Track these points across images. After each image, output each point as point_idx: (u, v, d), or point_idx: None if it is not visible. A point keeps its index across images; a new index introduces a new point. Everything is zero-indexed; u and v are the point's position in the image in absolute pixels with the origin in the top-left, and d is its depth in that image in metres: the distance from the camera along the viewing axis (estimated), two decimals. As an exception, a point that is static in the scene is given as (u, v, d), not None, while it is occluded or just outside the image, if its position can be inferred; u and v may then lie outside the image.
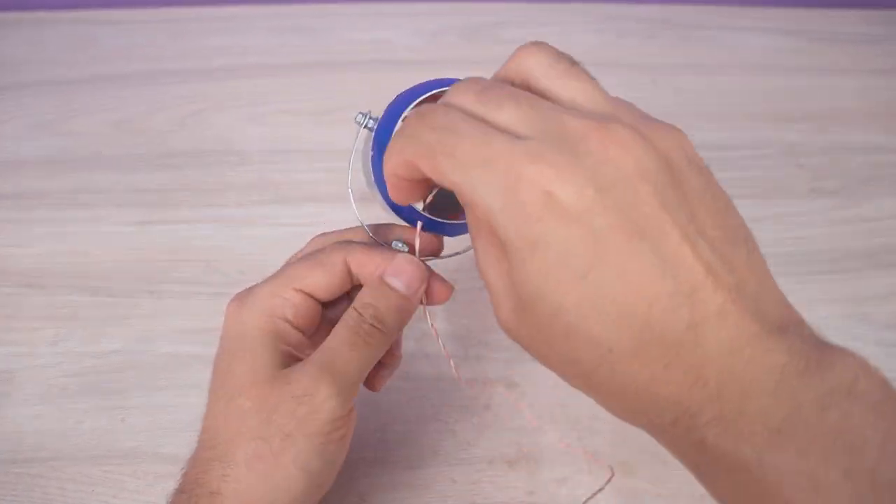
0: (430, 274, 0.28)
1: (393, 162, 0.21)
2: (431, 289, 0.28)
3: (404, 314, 0.26)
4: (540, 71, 0.21)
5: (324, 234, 0.30)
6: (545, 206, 0.18)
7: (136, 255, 0.44)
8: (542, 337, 0.20)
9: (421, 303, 0.28)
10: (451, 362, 0.30)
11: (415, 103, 0.26)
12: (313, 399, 0.24)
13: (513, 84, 0.22)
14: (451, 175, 0.19)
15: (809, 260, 0.45)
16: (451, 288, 0.28)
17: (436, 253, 0.29)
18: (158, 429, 0.35)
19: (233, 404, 0.25)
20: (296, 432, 0.23)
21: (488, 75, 0.25)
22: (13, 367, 0.38)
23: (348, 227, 0.30)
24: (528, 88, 0.21)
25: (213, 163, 0.51)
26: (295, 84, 0.60)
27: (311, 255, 0.27)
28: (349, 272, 0.27)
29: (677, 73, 0.63)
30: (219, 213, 0.47)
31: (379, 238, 0.29)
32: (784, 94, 0.61)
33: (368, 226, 0.29)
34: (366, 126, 0.27)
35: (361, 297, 0.26)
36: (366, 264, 0.27)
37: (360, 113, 0.28)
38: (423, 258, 0.28)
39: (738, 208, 0.21)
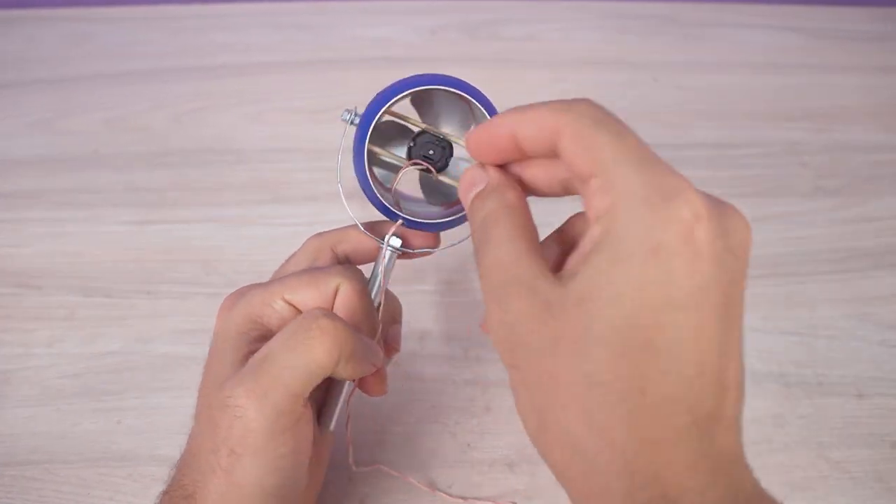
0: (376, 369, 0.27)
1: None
2: (367, 380, 0.28)
3: (362, 353, 0.25)
4: None
5: (319, 235, 0.30)
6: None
7: (134, 255, 0.44)
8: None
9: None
10: (350, 448, 0.30)
11: (389, 104, 0.26)
12: (244, 411, 0.23)
13: None
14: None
15: (812, 259, 0.45)
16: (384, 390, 0.28)
17: (432, 246, 0.29)
18: (155, 431, 0.35)
19: (201, 411, 0.25)
20: (239, 450, 0.23)
21: (488, 72, 0.25)
22: (9, 369, 0.37)
23: (344, 226, 0.30)
24: None
25: (211, 162, 0.51)
26: (295, 82, 0.59)
27: (309, 272, 0.27)
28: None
29: (678, 70, 0.62)
30: (217, 213, 0.47)
31: (373, 234, 0.29)
32: (786, 91, 0.61)
33: (363, 223, 0.29)
34: (352, 122, 0.28)
35: (310, 312, 0.25)
36: (351, 300, 0.26)
37: (346, 110, 0.28)
38: (421, 250, 0.29)
39: (741, 207, 0.21)
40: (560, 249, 0.23)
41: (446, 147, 0.28)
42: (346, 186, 0.29)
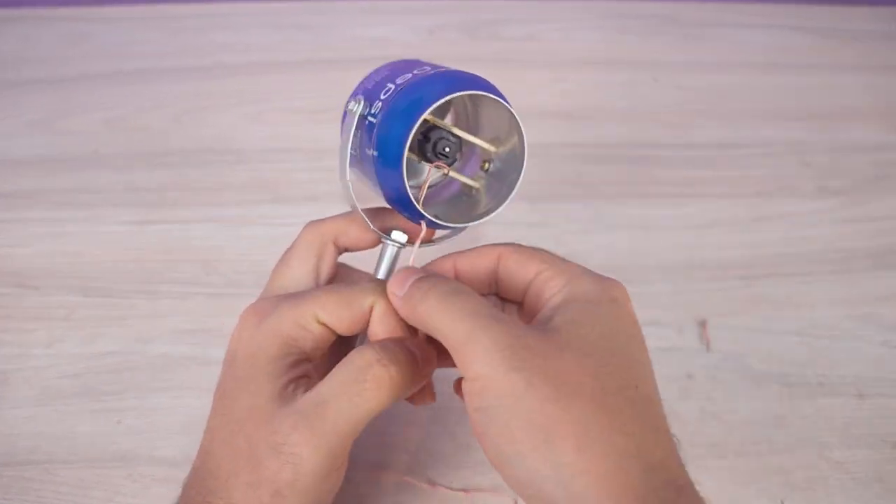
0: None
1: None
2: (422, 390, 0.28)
3: (415, 376, 0.25)
4: None
5: (315, 225, 0.29)
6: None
7: (133, 255, 0.44)
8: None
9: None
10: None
11: (431, 108, 0.24)
12: (298, 458, 0.22)
13: None
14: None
15: (815, 259, 0.45)
16: (433, 398, 0.29)
17: (430, 239, 0.28)
18: (155, 431, 0.35)
19: (233, 439, 0.24)
20: (285, 490, 0.22)
21: (488, 72, 0.25)
22: (8, 369, 0.37)
23: (340, 214, 0.29)
24: None
25: (211, 162, 0.51)
26: (294, 81, 0.59)
27: (341, 291, 0.26)
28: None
29: (679, 70, 0.62)
30: (217, 213, 0.47)
31: (377, 225, 0.28)
32: (788, 91, 0.60)
33: (364, 211, 0.28)
34: (362, 114, 0.26)
35: (372, 345, 0.25)
36: (388, 320, 0.26)
37: (353, 99, 0.26)
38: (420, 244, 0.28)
39: (743, 207, 0.22)
40: None
41: (457, 142, 0.27)
42: (337, 181, 0.28)
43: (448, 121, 0.28)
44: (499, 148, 0.27)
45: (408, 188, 0.24)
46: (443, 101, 0.23)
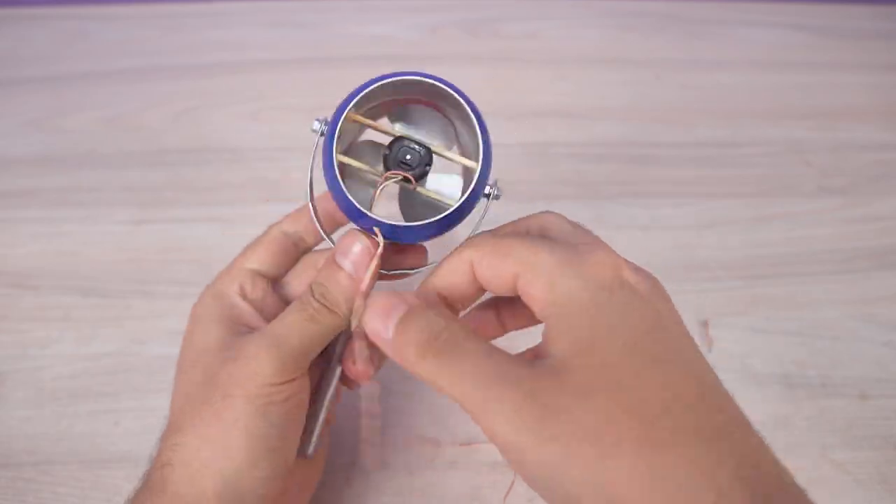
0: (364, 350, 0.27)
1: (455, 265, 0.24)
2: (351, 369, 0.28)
3: (354, 295, 0.26)
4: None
5: (314, 253, 0.31)
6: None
7: (129, 255, 0.43)
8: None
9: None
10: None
11: (353, 102, 0.24)
12: (252, 361, 0.24)
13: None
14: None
15: (816, 260, 0.44)
16: (370, 375, 0.28)
17: (419, 265, 0.28)
18: (152, 432, 0.34)
19: (185, 377, 0.25)
20: (235, 392, 0.24)
21: (488, 70, 0.25)
22: (4, 370, 0.37)
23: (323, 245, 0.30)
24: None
25: (208, 161, 0.51)
26: (292, 80, 0.59)
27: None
28: (293, 244, 0.31)
29: (681, 68, 0.62)
30: (214, 212, 0.47)
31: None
32: (791, 90, 0.60)
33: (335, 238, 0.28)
34: (322, 132, 0.26)
35: (316, 276, 0.26)
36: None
37: (317, 120, 0.26)
38: (409, 270, 0.27)
39: (744, 207, 0.21)
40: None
41: (424, 153, 0.26)
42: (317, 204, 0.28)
43: (454, 151, 0.27)
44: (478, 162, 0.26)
45: (343, 188, 0.24)
46: (368, 90, 0.24)
